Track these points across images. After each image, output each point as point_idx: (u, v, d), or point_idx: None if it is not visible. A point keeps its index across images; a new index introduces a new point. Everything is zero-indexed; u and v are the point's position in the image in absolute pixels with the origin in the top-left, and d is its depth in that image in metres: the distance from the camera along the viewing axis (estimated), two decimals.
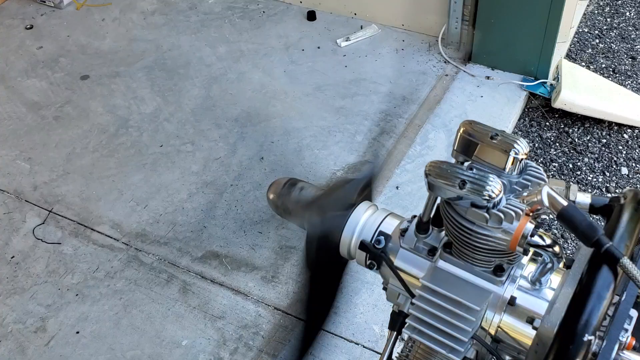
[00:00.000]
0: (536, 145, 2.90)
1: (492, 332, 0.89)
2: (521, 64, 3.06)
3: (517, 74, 3.10)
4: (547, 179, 0.87)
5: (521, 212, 0.81)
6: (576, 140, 2.91)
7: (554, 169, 2.80)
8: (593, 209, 0.90)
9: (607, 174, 2.77)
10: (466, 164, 0.88)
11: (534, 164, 0.88)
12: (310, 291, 1.05)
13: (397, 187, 2.60)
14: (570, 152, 2.87)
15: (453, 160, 0.90)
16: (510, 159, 0.85)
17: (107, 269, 2.37)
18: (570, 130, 2.96)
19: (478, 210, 0.82)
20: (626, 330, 0.78)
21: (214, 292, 2.27)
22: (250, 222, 2.51)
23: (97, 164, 2.81)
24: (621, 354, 0.79)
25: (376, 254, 0.99)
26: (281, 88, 3.15)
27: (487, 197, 0.80)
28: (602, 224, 0.86)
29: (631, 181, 2.74)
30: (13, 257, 2.44)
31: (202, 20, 3.65)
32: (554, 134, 2.95)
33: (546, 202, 0.79)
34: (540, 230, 0.84)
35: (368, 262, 1.02)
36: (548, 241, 0.83)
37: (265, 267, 2.35)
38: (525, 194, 0.84)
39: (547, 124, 2.99)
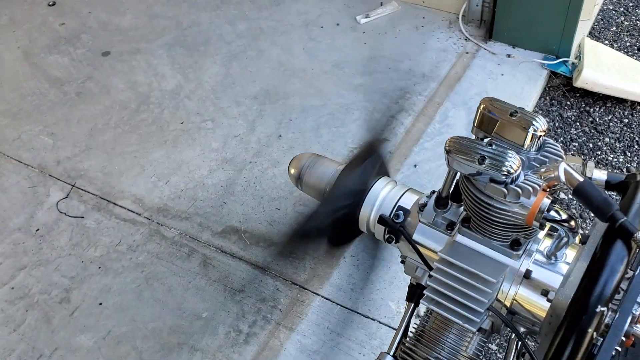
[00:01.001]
0: (556, 124, 2.88)
1: (508, 304, 0.91)
2: (543, 42, 3.03)
3: (538, 52, 3.07)
4: (564, 156, 0.88)
5: (538, 188, 0.83)
6: (597, 119, 2.89)
7: (574, 148, 2.78)
8: (609, 185, 0.91)
9: (629, 154, 2.74)
10: (486, 140, 0.89)
11: (552, 141, 0.89)
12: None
13: (415, 166, 2.61)
14: (590, 131, 2.85)
15: (473, 137, 0.92)
16: (529, 136, 0.86)
17: (130, 243, 2.42)
18: (592, 110, 2.93)
19: (497, 186, 0.83)
20: (639, 304, 0.80)
21: (234, 266, 2.32)
22: (269, 198, 2.54)
23: (118, 139, 2.86)
24: (634, 327, 0.80)
25: (395, 228, 1.01)
26: (300, 65, 3.16)
27: (506, 173, 0.81)
28: (618, 200, 0.87)
29: None
30: (38, 229, 2.50)
31: None
32: (575, 114, 2.93)
33: (563, 178, 0.81)
34: (557, 205, 0.85)
35: (387, 236, 1.04)
36: (564, 216, 0.84)
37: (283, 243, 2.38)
38: (542, 170, 0.85)
39: (568, 103, 2.97)
